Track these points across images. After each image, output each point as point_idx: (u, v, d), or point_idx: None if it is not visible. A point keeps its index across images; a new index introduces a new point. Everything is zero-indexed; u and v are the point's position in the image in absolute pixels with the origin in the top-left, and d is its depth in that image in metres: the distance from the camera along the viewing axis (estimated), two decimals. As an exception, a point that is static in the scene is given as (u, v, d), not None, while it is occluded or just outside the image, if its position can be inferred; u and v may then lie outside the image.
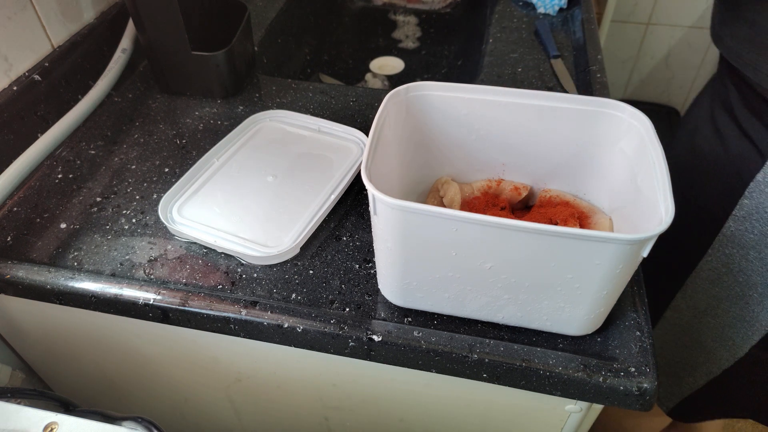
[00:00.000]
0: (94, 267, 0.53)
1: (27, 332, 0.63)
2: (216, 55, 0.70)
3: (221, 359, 0.58)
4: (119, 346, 0.60)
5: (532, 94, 0.50)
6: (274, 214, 0.56)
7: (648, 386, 0.43)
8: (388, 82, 1.04)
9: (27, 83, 0.64)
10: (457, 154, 0.55)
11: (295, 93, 0.75)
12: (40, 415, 0.44)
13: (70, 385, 0.71)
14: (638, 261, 0.40)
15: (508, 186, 0.55)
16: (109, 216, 0.58)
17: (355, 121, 0.70)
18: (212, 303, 0.49)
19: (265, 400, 0.63)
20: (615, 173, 0.50)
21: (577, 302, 0.43)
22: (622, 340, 0.46)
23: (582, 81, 0.74)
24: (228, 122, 0.70)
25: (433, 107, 0.52)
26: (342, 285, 0.51)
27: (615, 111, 0.48)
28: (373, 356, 0.48)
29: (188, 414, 0.71)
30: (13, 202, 0.59)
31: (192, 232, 0.54)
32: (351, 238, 0.55)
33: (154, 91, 0.76)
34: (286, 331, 0.48)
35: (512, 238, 0.39)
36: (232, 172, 0.61)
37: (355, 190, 0.61)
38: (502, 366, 0.45)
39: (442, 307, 0.47)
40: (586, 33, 0.83)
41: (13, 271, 0.52)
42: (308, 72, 1.03)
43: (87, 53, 0.73)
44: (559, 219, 0.51)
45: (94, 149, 0.66)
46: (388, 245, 0.43)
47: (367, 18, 1.16)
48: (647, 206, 0.42)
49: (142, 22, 0.67)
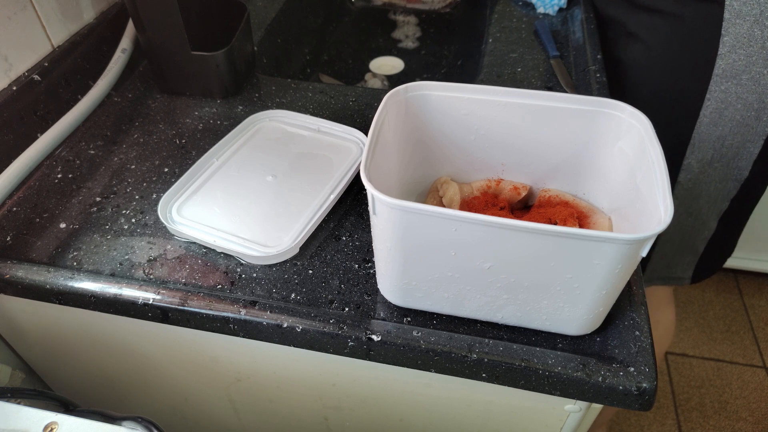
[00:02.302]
0: (93, 267, 0.53)
1: (27, 332, 0.63)
2: (216, 55, 0.70)
3: (221, 359, 0.58)
4: (119, 346, 0.60)
5: (532, 94, 0.50)
6: (274, 214, 0.56)
7: (647, 386, 0.43)
8: (387, 82, 1.04)
9: (27, 83, 0.64)
10: (457, 153, 0.55)
11: (294, 93, 0.75)
12: (40, 415, 0.44)
13: (70, 385, 0.71)
14: (637, 260, 0.40)
15: (508, 186, 0.55)
16: (108, 216, 0.58)
17: (355, 121, 0.70)
18: (212, 303, 0.49)
19: (264, 400, 0.63)
20: (614, 173, 0.50)
21: (577, 302, 0.43)
22: (621, 340, 0.46)
23: (582, 81, 0.74)
24: (228, 122, 0.70)
25: (433, 107, 0.52)
26: (341, 285, 0.51)
27: (614, 111, 0.48)
28: (372, 356, 0.48)
29: (188, 414, 0.71)
30: (13, 202, 0.60)
31: (191, 231, 0.54)
32: (350, 237, 0.55)
33: (153, 91, 0.76)
34: (286, 330, 0.48)
35: (511, 238, 0.39)
36: (231, 172, 0.61)
37: (355, 190, 0.61)
38: (502, 366, 0.45)
39: (441, 306, 0.47)
40: (585, 33, 0.83)
41: (12, 271, 0.52)
42: (308, 72, 1.03)
43: (87, 53, 0.73)
44: (558, 219, 0.51)
45: (94, 149, 0.66)
46: (388, 245, 0.43)
47: (367, 18, 1.16)
48: (646, 206, 0.42)
49: (141, 22, 0.68)
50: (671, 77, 0.74)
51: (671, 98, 0.75)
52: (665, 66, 0.75)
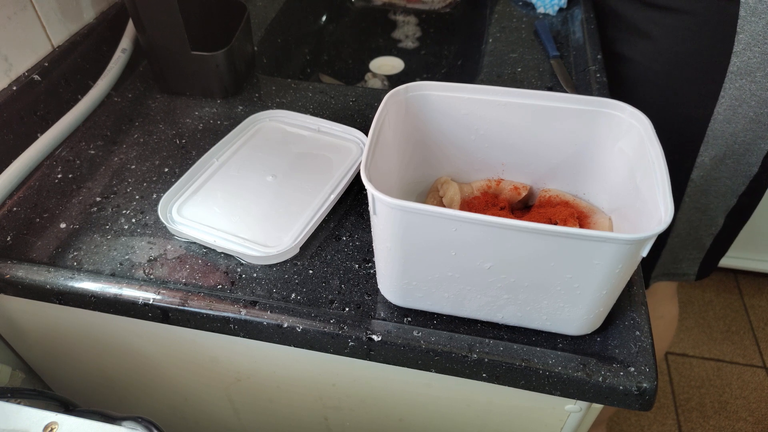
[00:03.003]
0: (93, 267, 0.53)
1: (27, 332, 0.63)
2: (216, 55, 0.70)
3: (221, 359, 0.58)
4: (119, 346, 0.60)
5: (532, 94, 0.50)
6: (274, 214, 0.56)
7: (647, 386, 0.43)
8: (387, 82, 1.04)
9: (27, 83, 0.64)
10: (457, 153, 0.55)
11: (294, 93, 0.75)
12: (40, 415, 0.44)
13: (70, 385, 0.71)
14: (638, 260, 0.40)
15: (508, 186, 0.55)
16: (108, 216, 0.58)
17: (355, 121, 0.70)
18: (212, 303, 0.49)
19: (265, 400, 0.63)
20: (614, 173, 0.50)
21: (577, 302, 0.43)
22: (621, 340, 0.46)
23: (582, 81, 0.74)
24: (228, 122, 0.70)
25: (433, 107, 0.52)
26: (342, 285, 0.51)
27: (615, 111, 0.48)
28: (372, 356, 0.48)
29: (188, 414, 0.71)
30: (13, 201, 0.59)
31: (192, 231, 0.54)
32: (351, 237, 0.55)
33: (153, 91, 0.76)
34: (286, 330, 0.48)
35: (512, 238, 0.39)
36: (231, 172, 0.61)
37: (355, 189, 0.61)
38: (502, 366, 0.45)
39: (441, 306, 0.47)
40: (585, 33, 0.83)
41: (12, 270, 0.52)
42: (308, 72, 1.03)
43: (87, 53, 0.73)
44: (558, 219, 0.51)
45: (94, 149, 0.66)
46: (388, 245, 0.43)
47: (367, 18, 1.16)
48: (647, 206, 0.42)
49: (141, 22, 0.68)
50: (682, 75, 0.74)
51: (683, 96, 0.75)
52: (675, 63, 0.74)
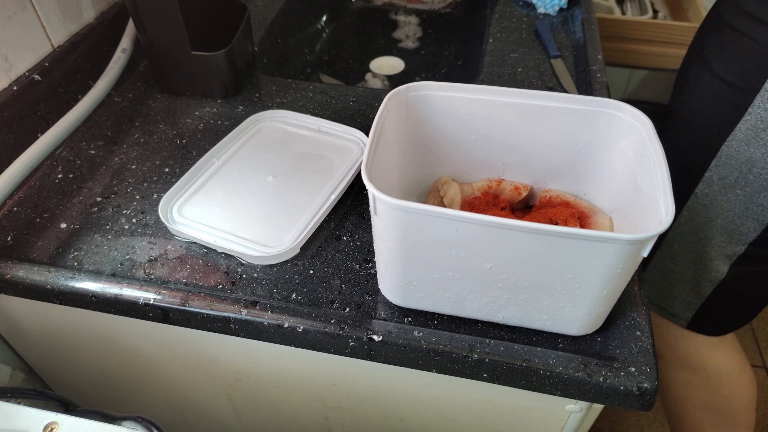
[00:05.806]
0: (94, 267, 0.53)
1: (27, 332, 0.63)
2: (216, 55, 0.70)
3: (221, 359, 0.58)
4: (119, 346, 0.60)
5: (532, 94, 0.50)
6: (274, 214, 0.56)
7: (648, 386, 0.43)
8: (388, 82, 1.04)
9: (27, 83, 0.64)
10: (457, 154, 0.55)
11: (295, 93, 0.75)
12: (40, 415, 0.44)
13: (70, 385, 0.71)
14: (638, 261, 0.40)
15: (509, 186, 0.55)
16: (109, 216, 0.58)
17: (355, 121, 0.70)
18: (212, 303, 0.49)
19: (265, 400, 0.63)
20: (615, 173, 0.50)
21: (578, 302, 0.43)
22: (622, 340, 0.46)
23: (582, 81, 0.74)
24: (228, 122, 0.70)
25: (434, 107, 0.52)
26: (342, 285, 0.51)
27: (615, 111, 0.48)
28: (373, 356, 0.48)
29: (188, 414, 0.71)
30: (13, 201, 0.59)
31: (192, 231, 0.54)
32: (351, 238, 0.55)
33: (154, 91, 0.76)
34: (287, 331, 0.48)
35: (512, 238, 0.39)
36: (232, 172, 0.61)
37: (356, 190, 0.61)
38: (503, 366, 0.45)
39: (442, 306, 0.47)
40: (586, 33, 0.83)
41: (13, 271, 0.52)
42: (308, 72, 1.03)
43: (87, 53, 0.73)
44: (559, 219, 0.51)
45: (94, 149, 0.66)
46: (389, 245, 0.43)
47: (367, 18, 1.15)
48: (647, 206, 0.42)
49: (142, 22, 0.67)
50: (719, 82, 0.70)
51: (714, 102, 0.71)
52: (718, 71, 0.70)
